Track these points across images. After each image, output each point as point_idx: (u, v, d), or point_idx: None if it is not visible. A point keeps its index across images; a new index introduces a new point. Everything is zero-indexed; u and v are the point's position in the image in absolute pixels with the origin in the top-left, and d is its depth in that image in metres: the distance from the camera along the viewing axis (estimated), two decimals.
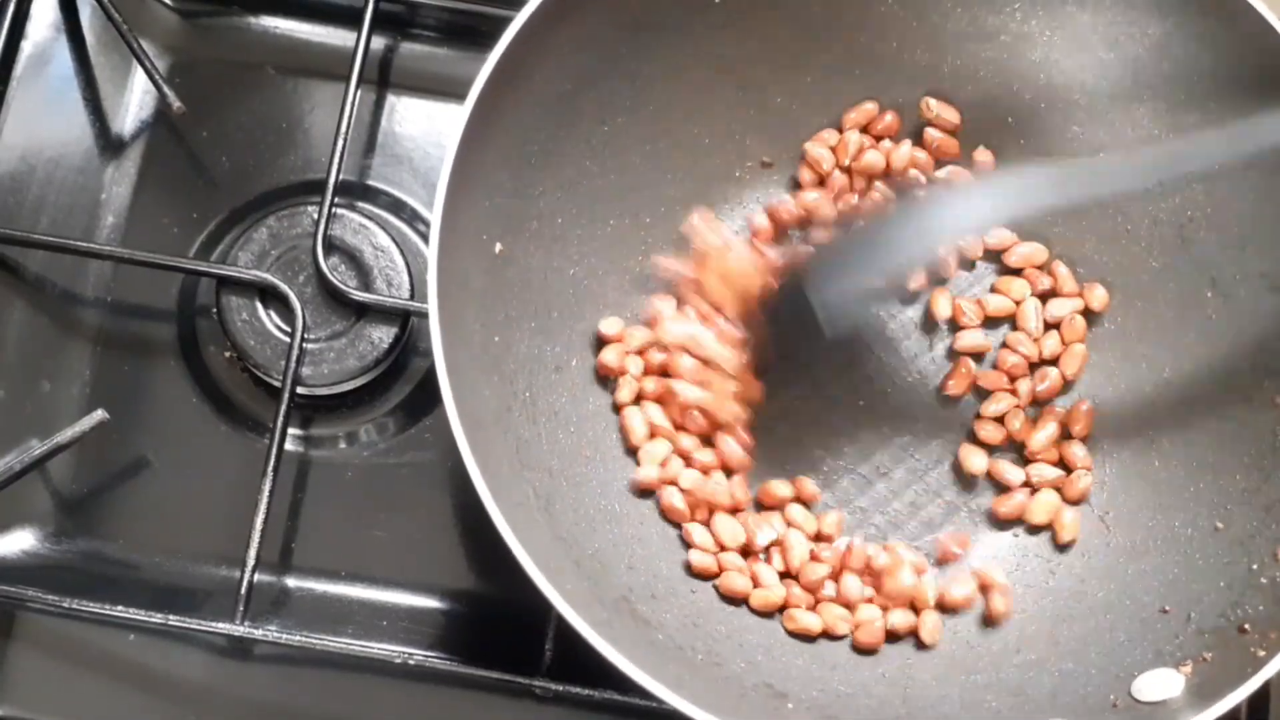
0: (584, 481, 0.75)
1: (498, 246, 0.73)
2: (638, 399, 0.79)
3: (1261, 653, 0.67)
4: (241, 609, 0.76)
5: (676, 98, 0.79)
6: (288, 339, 0.80)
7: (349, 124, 0.81)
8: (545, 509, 0.71)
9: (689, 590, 0.75)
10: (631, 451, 0.78)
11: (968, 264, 0.82)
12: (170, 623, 0.75)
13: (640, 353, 0.79)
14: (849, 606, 0.76)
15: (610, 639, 0.64)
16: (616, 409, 0.79)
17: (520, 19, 0.70)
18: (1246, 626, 0.69)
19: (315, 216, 0.80)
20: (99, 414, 0.76)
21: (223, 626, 0.76)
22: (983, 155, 0.81)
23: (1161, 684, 0.68)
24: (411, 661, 0.77)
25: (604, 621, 0.66)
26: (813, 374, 0.81)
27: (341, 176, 0.81)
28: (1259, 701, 0.78)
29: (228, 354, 0.82)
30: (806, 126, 0.82)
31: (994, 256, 0.83)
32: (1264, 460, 0.74)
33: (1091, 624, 0.74)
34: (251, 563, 0.76)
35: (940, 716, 0.71)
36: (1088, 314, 0.81)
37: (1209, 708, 0.65)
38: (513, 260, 0.74)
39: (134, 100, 0.86)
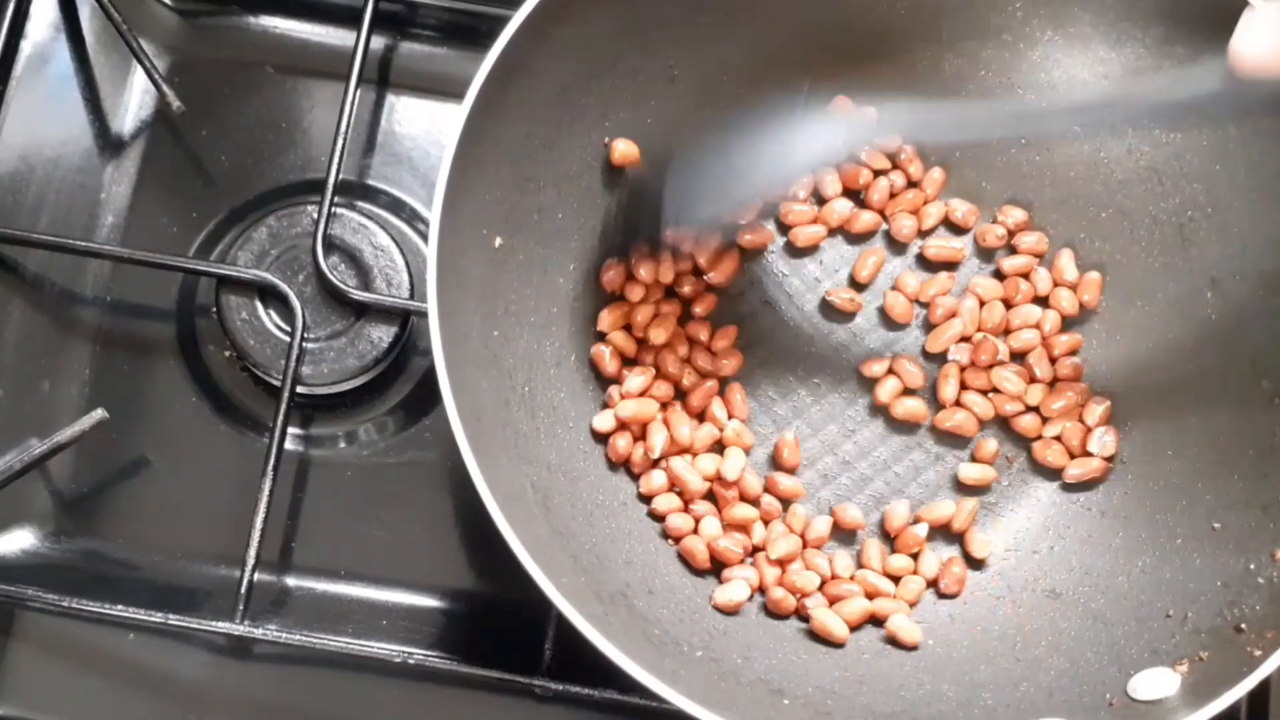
0: (582, 476, 0.75)
1: (497, 241, 0.73)
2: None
3: (1258, 652, 0.66)
4: (241, 608, 0.76)
5: (677, 94, 0.79)
6: (287, 338, 0.80)
7: (348, 123, 0.81)
8: (543, 503, 0.71)
9: (687, 586, 0.75)
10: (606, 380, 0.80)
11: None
12: (170, 622, 0.75)
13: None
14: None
15: (607, 634, 0.64)
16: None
17: (520, 15, 0.70)
18: (1243, 626, 0.69)
19: (315, 216, 0.80)
20: (99, 413, 0.77)
21: (223, 626, 0.76)
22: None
23: (1158, 683, 0.68)
24: (411, 661, 0.77)
25: (601, 616, 0.66)
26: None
27: (341, 176, 0.81)
28: (1259, 699, 0.78)
29: (227, 353, 0.82)
30: None
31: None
32: (1262, 460, 0.74)
33: (1088, 623, 0.74)
34: (251, 562, 0.76)
35: (936, 714, 0.71)
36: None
37: (1205, 706, 0.65)
38: (513, 254, 0.74)
39: (134, 100, 0.86)
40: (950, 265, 0.83)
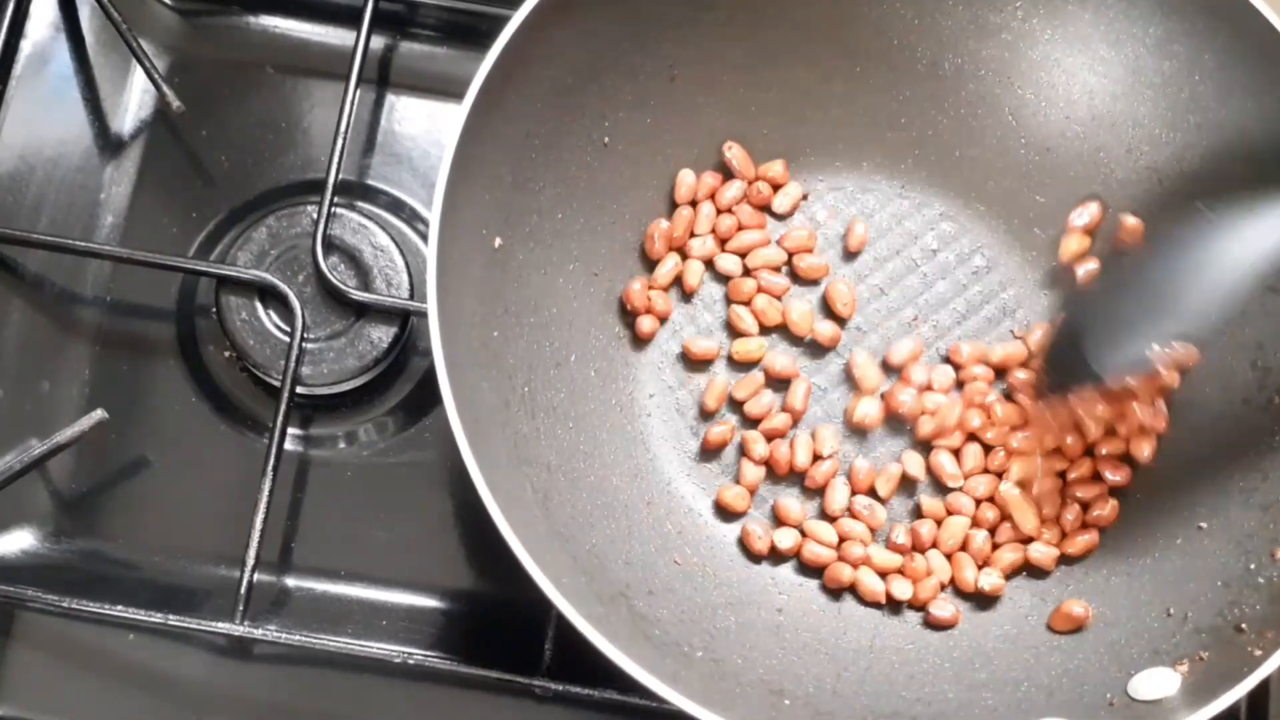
0: (582, 477, 0.75)
1: (497, 241, 0.73)
2: None
3: (1258, 652, 0.66)
4: (241, 609, 0.76)
5: (678, 94, 0.79)
6: (287, 338, 0.80)
7: (348, 123, 0.81)
8: (543, 504, 0.71)
9: (686, 586, 0.75)
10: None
11: None
12: (170, 623, 0.75)
13: None
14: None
15: (607, 634, 0.64)
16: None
17: (520, 15, 0.70)
18: (1243, 626, 0.69)
19: (314, 216, 0.80)
20: (98, 413, 0.76)
21: (223, 626, 0.76)
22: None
23: (1158, 683, 0.68)
24: (411, 661, 0.77)
25: (600, 617, 0.66)
26: None
27: (341, 176, 0.81)
28: (1259, 699, 0.78)
29: (227, 354, 0.82)
30: (806, 122, 0.82)
31: None
32: (1262, 460, 0.74)
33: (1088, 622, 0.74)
34: (251, 562, 0.76)
35: (937, 714, 0.71)
36: None
37: (1205, 706, 0.65)
38: (512, 255, 0.74)
39: (133, 100, 0.86)
40: None
